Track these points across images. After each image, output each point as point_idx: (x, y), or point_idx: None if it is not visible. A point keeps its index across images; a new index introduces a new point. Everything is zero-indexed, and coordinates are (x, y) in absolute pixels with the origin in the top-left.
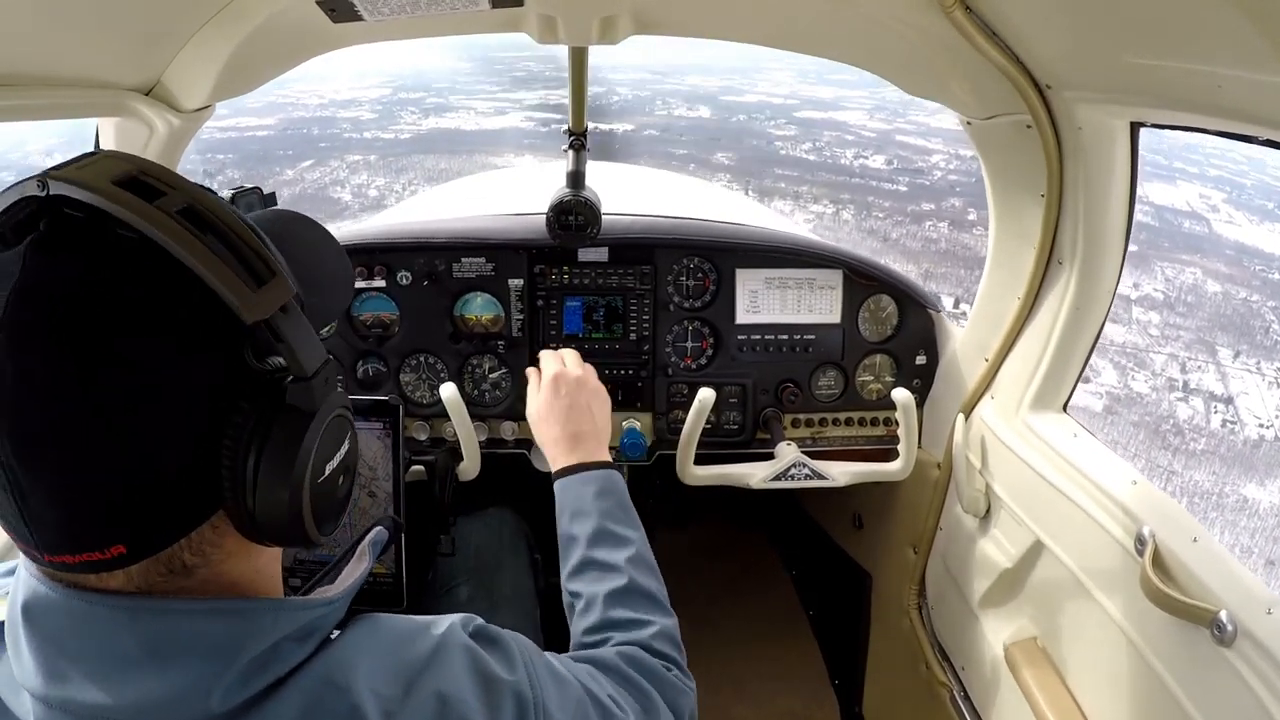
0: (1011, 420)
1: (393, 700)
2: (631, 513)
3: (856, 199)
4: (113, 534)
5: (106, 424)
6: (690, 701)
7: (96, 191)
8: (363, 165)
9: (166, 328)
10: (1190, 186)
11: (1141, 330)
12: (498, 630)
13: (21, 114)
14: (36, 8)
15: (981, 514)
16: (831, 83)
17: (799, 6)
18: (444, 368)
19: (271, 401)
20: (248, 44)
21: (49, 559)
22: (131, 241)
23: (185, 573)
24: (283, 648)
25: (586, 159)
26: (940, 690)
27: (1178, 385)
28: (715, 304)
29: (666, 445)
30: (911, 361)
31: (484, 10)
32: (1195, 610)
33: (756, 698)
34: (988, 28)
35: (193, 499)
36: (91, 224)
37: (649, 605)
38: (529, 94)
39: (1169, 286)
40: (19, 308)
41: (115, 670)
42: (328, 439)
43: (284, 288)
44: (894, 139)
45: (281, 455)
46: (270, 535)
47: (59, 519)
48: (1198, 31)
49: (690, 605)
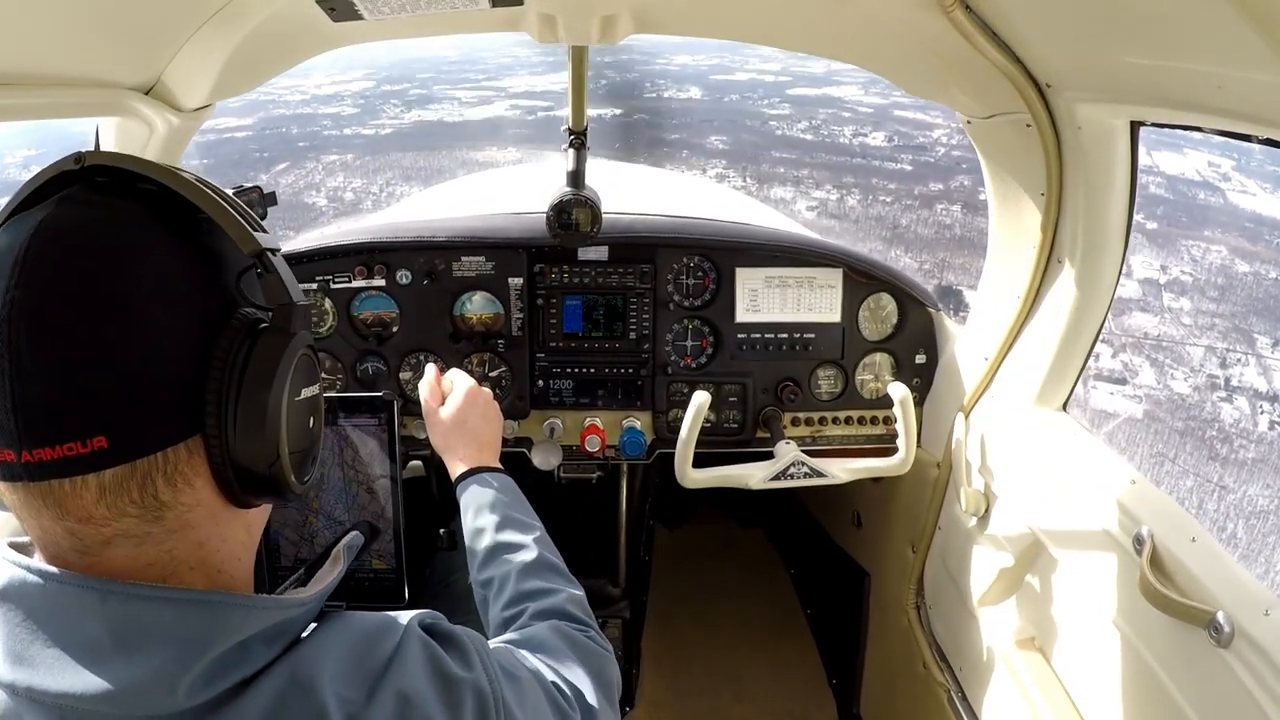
0: (1011, 419)
1: (355, 704)
2: (530, 508)
3: (860, 182)
4: (97, 423)
5: (120, 320)
6: (614, 667)
7: (129, 159)
8: (339, 166)
9: (180, 252)
10: (1198, 154)
11: (1174, 320)
12: (451, 627)
13: (21, 114)
14: (36, 7)
15: (980, 513)
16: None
17: (799, 6)
18: (444, 366)
19: (257, 334)
20: (247, 43)
21: (27, 457)
22: (152, 192)
23: (157, 509)
24: (250, 647)
25: (586, 157)
26: (938, 690)
27: (1219, 383)
28: (715, 303)
29: (666, 444)
30: (911, 360)
31: (484, 9)
32: (1193, 611)
33: (755, 697)
34: (988, 27)
35: (176, 410)
36: (118, 180)
37: (558, 576)
38: (514, 81)
39: (1196, 268)
40: (54, 226)
41: (82, 657)
42: (303, 366)
43: (271, 237)
44: (891, 114)
45: (261, 380)
46: (244, 475)
47: (51, 400)
48: (1197, 31)
49: (690, 605)
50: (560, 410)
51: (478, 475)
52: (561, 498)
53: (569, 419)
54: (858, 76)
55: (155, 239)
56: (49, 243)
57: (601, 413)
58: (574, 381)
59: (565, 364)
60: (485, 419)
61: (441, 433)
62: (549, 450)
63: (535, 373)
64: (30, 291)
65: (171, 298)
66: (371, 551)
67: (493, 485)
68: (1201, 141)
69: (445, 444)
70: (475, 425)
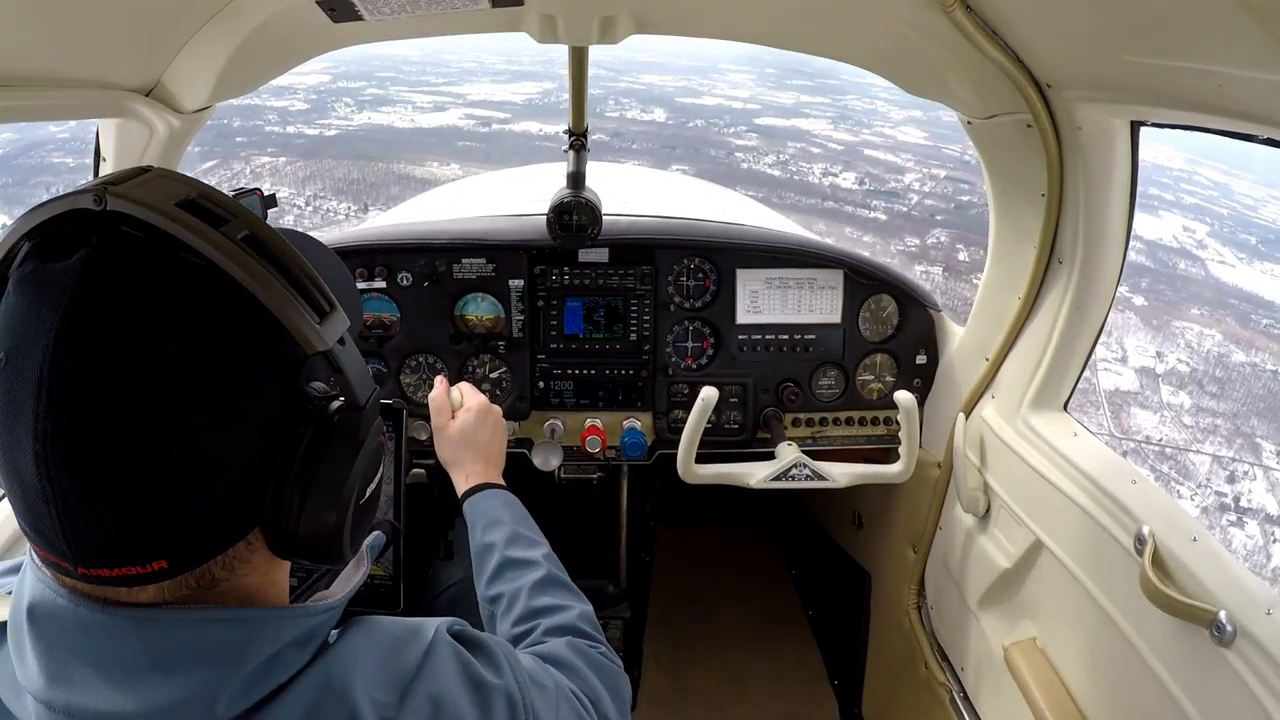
0: (1012, 419)
1: (389, 707)
2: (536, 525)
3: (832, 229)
4: (157, 550)
5: (168, 445)
6: (626, 683)
7: (161, 213)
8: (268, 171)
9: (231, 354)
10: (1172, 217)
11: (1175, 419)
12: (478, 634)
13: (23, 115)
14: (37, 9)
15: (981, 514)
16: (792, 88)
17: (799, 5)
18: (445, 368)
19: (322, 427)
20: (248, 44)
21: (83, 572)
22: (197, 267)
23: (212, 585)
24: (284, 654)
25: (587, 159)
26: (940, 690)
27: (1229, 502)
28: (716, 304)
29: (666, 445)
30: (912, 361)
31: (484, 10)
32: (1195, 610)
33: (756, 697)
34: (988, 27)
35: (239, 518)
36: (152, 245)
37: (568, 593)
38: (474, 88)
39: (1193, 355)
40: (81, 324)
41: (120, 676)
42: (370, 462)
43: (342, 319)
44: (862, 153)
45: (332, 480)
46: (307, 553)
47: (104, 535)
48: (1198, 30)
49: (690, 605)
50: (561, 411)
51: (485, 491)
52: (562, 499)
53: (569, 420)
54: (826, 110)
55: (208, 335)
56: (79, 356)
57: (602, 414)
58: (574, 383)
59: (566, 365)
60: (494, 436)
61: (451, 447)
62: (549, 451)
63: (536, 374)
64: (61, 420)
65: (231, 407)
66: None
67: (500, 501)
68: (1173, 203)
69: (453, 458)
70: (484, 442)
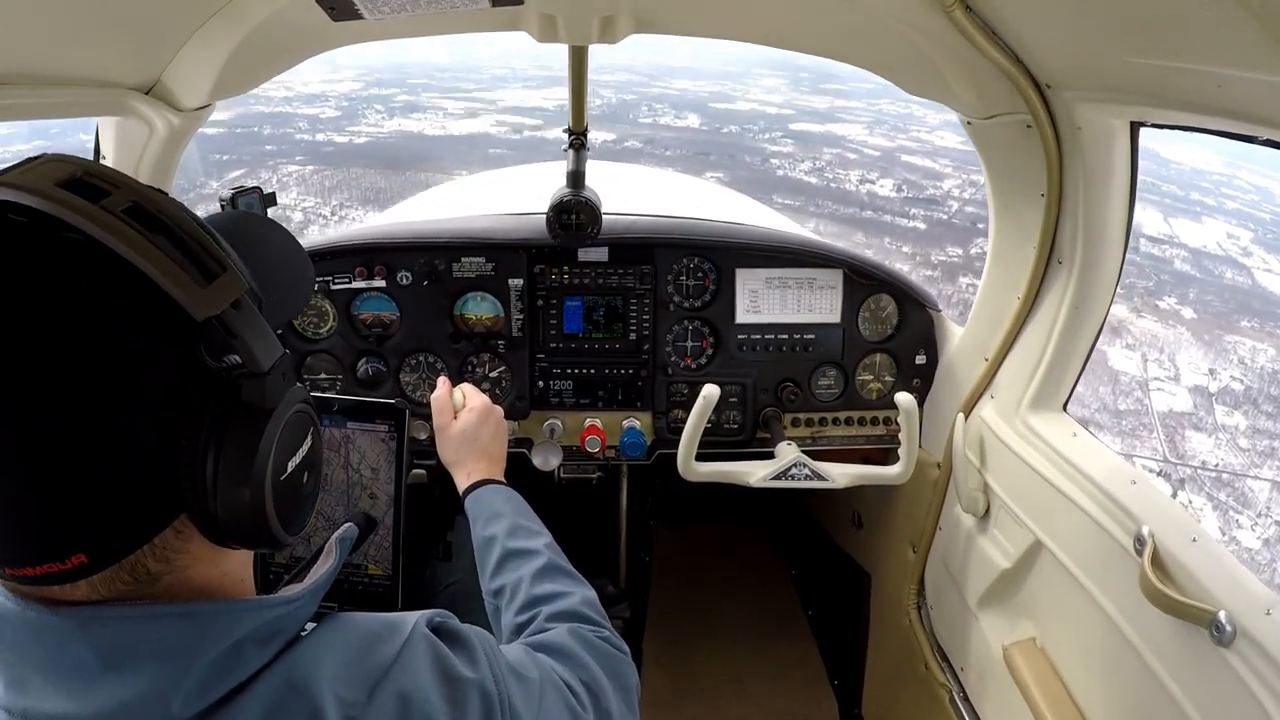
0: (1011, 420)
1: (355, 705)
2: (535, 516)
3: (872, 241)
4: (72, 543)
5: (63, 431)
6: (631, 670)
7: (39, 194)
8: (295, 180)
9: (119, 329)
10: (1215, 223)
11: (1231, 441)
12: (460, 626)
13: (22, 113)
14: (37, 7)
15: (981, 514)
16: (826, 92)
17: (799, 6)
18: (444, 367)
19: (228, 400)
20: (248, 43)
21: (11, 573)
22: (77, 243)
23: (150, 580)
24: (244, 650)
25: (587, 158)
26: (939, 690)
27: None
28: (715, 304)
29: (666, 445)
30: (911, 361)
31: (484, 9)
32: (1194, 610)
33: (755, 697)
34: (988, 27)
35: (153, 503)
36: (35, 228)
37: (570, 579)
38: (506, 94)
39: (1246, 372)
40: None
41: (71, 678)
42: (287, 435)
43: (235, 282)
44: (899, 159)
45: (240, 454)
46: (235, 537)
47: (17, 531)
48: (1198, 31)
49: (690, 605)
50: (560, 411)
51: (486, 486)
52: (561, 498)
53: (569, 419)
54: (862, 115)
55: (93, 312)
56: None
57: (601, 413)
58: (574, 382)
59: (565, 365)
60: (495, 437)
61: (453, 447)
62: (549, 451)
63: (535, 373)
64: None
65: (125, 385)
66: (369, 557)
67: (501, 495)
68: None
69: (455, 458)
70: (486, 442)
